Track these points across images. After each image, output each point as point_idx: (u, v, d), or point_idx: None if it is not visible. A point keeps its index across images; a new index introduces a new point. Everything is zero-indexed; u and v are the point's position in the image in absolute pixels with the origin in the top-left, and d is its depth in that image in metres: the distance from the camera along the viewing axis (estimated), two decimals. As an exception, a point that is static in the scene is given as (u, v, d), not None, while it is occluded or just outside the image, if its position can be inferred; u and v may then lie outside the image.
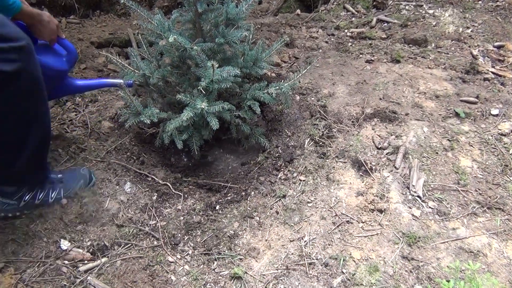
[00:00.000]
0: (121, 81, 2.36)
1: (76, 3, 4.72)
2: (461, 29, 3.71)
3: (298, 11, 4.44)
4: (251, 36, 2.66)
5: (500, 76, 3.05)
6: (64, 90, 2.42)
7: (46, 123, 1.99)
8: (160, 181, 2.31)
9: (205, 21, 2.26)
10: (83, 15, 4.69)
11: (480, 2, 4.20)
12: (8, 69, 1.65)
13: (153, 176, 2.34)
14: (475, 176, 2.26)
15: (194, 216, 2.11)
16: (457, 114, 2.65)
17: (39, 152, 1.98)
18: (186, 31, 2.35)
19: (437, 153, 2.38)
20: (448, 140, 2.46)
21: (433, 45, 3.52)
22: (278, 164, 2.40)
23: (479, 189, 2.19)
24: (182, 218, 2.11)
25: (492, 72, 3.08)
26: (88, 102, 2.87)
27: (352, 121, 2.64)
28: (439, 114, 2.66)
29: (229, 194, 2.28)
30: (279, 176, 2.35)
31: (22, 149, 1.89)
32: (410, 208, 2.09)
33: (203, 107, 1.96)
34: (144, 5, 5.36)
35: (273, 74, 3.12)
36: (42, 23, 2.15)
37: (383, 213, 2.06)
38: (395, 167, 2.30)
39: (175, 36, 1.98)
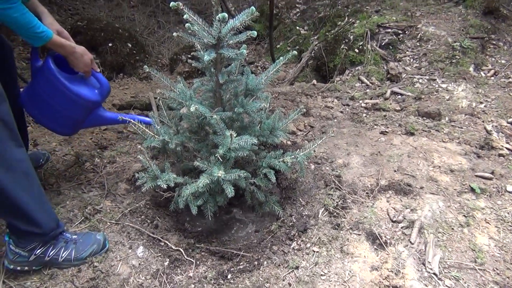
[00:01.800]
0: (149, 119, 2.50)
1: (101, 66, 4.96)
2: (474, 104, 3.77)
3: (314, 81, 4.58)
4: (268, 105, 2.74)
5: (515, 152, 3.06)
6: (95, 120, 2.60)
7: (24, 169, 1.91)
8: (173, 246, 2.30)
9: (225, 91, 2.35)
10: (107, 78, 4.88)
11: (492, 78, 4.30)
12: None
13: (166, 241, 2.33)
14: (492, 255, 2.21)
15: (205, 285, 2.07)
16: (472, 190, 2.64)
17: (24, 204, 1.90)
18: (206, 99, 2.43)
19: (453, 229, 2.35)
20: (464, 216, 2.44)
21: (446, 118, 3.58)
22: (292, 234, 2.39)
23: (496, 269, 2.13)
24: (193, 286, 2.08)
25: (507, 148, 3.09)
26: (106, 163, 2.93)
27: (367, 193, 2.64)
28: (454, 189, 2.65)
29: (241, 263, 2.25)
30: (292, 246, 2.32)
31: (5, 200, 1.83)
32: (426, 286, 2.03)
33: (220, 175, 1.99)
34: (165, 70, 5.60)
35: (289, 142, 3.17)
36: (75, 55, 2.33)
37: (398, 290, 2.01)
38: (410, 242, 2.26)
39: (196, 106, 2.05)
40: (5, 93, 1.85)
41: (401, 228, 2.36)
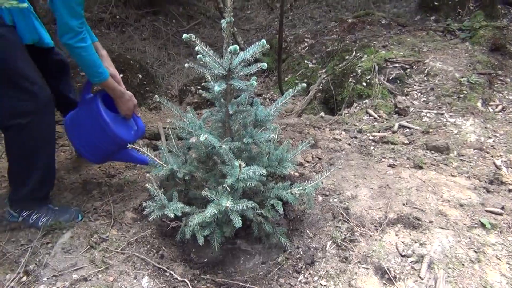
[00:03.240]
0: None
1: (112, 96, 5.01)
2: (483, 139, 3.76)
3: (322, 113, 4.61)
4: (277, 136, 2.75)
5: (525, 188, 3.03)
6: (124, 157, 2.93)
7: (48, 163, 2.58)
8: (178, 277, 2.27)
9: (234, 121, 2.36)
10: (118, 107, 4.96)
11: (500, 113, 4.31)
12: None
13: (171, 272, 2.30)
14: (504, 292, 2.16)
15: (211, 317, 2.04)
16: (482, 225, 2.60)
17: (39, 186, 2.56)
18: (216, 129, 2.45)
19: (463, 264, 2.31)
20: (475, 251, 2.40)
21: (455, 153, 3.57)
22: (299, 266, 2.35)
23: (509, 307, 2.08)
24: (198, 318, 2.04)
25: (517, 184, 3.07)
26: (113, 191, 2.94)
27: (375, 226, 2.61)
28: (464, 224, 2.62)
29: (248, 295, 2.22)
30: (299, 279, 2.29)
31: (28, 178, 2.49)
32: (437, 323, 1.99)
33: (228, 205, 1.99)
34: (175, 101, 5.67)
35: (296, 174, 3.17)
36: (122, 100, 2.73)
37: (408, 327, 1.96)
38: (420, 277, 2.22)
39: (206, 135, 2.07)
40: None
41: (410, 262, 2.32)
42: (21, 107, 2.32)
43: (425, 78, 4.86)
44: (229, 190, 2.13)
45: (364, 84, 4.92)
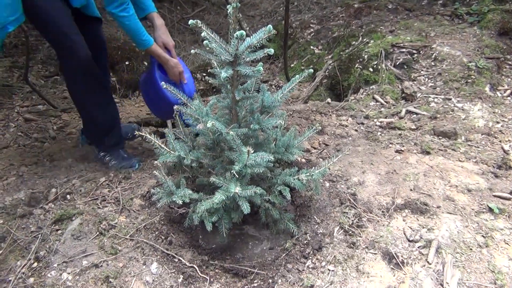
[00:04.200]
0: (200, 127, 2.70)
1: (118, 84, 5.02)
2: (491, 124, 3.73)
3: (329, 99, 4.59)
4: (283, 122, 2.75)
5: (534, 172, 3.01)
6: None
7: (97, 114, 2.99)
8: (187, 263, 2.29)
9: (241, 107, 2.36)
10: (123, 95, 4.98)
11: (508, 98, 4.26)
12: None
13: (180, 258, 2.32)
14: (512, 277, 2.16)
15: (219, 302, 2.06)
16: (490, 210, 2.59)
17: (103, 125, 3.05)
18: (222, 116, 2.44)
19: (471, 249, 2.31)
20: (483, 236, 2.40)
21: (463, 138, 3.54)
22: (307, 252, 2.36)
23: (517, 291, 2.08)
24: (207, 303, 2.06)
25: (525, 168, 3.05)
26: (121, 178, 2.95)
27: (383, 211, 2.61)
28: (472, 209, 2.61)
29: (256, 281, 2.23)
30: (307, 264, 2.30)
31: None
32: (444, 307, 1.99)
33: (236, 191, 1.99)
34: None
35: (303, 160, 3.16)
36: (167, 66, 3.10)
37: (416, 311, 1.97)
38: (427, 262, 2.22)
39: (213, 122, 2.06)
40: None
41: (418, 247, 2.33)
42: (65, 62, 2.75)
43: (433, 63, 4.81)
44: (237, 176, 2.14)
45: (371, 69, 4.88)
